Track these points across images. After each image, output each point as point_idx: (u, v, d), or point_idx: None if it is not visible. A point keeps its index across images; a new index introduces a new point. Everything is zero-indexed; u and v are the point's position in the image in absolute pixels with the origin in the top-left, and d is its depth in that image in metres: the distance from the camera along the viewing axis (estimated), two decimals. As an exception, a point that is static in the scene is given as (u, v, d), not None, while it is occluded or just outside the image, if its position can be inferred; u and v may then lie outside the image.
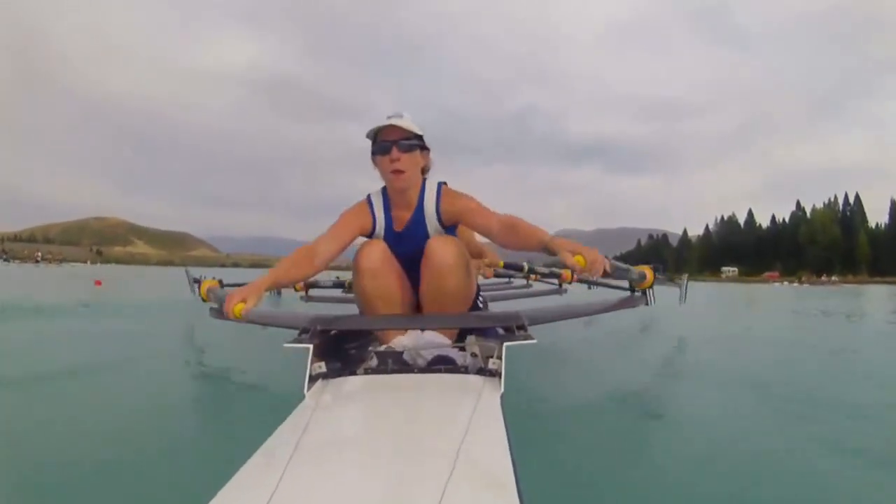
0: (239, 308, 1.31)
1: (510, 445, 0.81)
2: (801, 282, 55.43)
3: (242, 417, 1.60)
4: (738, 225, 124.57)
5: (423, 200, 1.66)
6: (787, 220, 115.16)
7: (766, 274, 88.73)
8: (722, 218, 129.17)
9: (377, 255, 1.56)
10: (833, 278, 66.81)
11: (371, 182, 1.78)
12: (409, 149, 1.57)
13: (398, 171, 1.57)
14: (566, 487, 1.09)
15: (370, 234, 1.70)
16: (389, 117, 1.59)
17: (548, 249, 1.36)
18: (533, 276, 4.95)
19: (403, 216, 1.68)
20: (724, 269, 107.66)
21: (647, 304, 2.35)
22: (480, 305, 1.86)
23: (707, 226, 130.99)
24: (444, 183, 1.73)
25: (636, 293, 2.36)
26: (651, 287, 2.30)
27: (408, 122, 1.57)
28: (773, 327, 5.24)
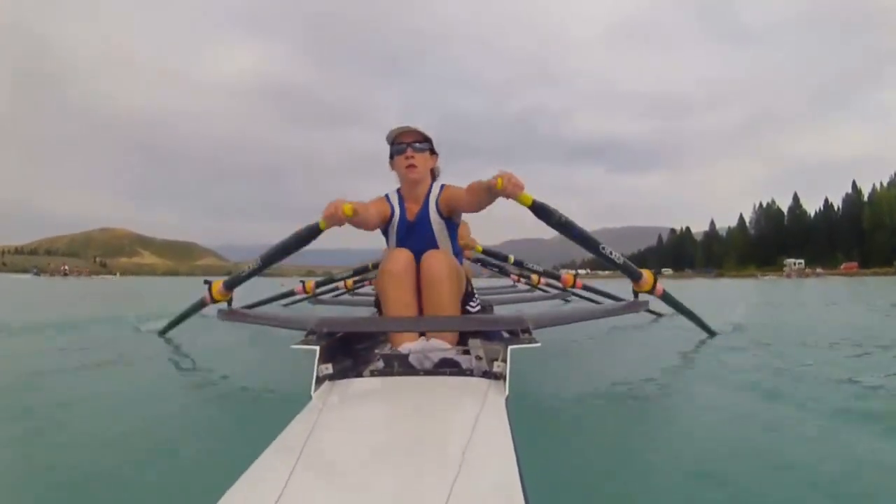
0: (349, 207, 1.61)
1: (515, 448, 0.85)
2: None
3: (250, 418, 1.68)
4: (781, 213, 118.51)
5: (429, 197, 2.10)
6: (835, 205, 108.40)
7: (844, 266, 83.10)
8: (760, 205, 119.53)
9: (402, 263, 1.87)
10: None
11: (380, 185, 2.34)
12: (421, 150, 2.04)
13: (412, 166, 2.02)
14: (572, 490, 1.13)
15: (389, 220, 2.11)
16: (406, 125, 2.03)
17: (489, 191, 1.65)
18: (536, 280, 5.10)
19: (413, 209, 2.10)
20: (789, 261, 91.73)
21: (648, 309, 2.37)
22: (475, 307, 2.01)
23: (741, 215, 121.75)
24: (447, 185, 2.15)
25: (639, 297, 2.40)
26: (652, 291, 2.35)
27: (421, 127, 2.03)
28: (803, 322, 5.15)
